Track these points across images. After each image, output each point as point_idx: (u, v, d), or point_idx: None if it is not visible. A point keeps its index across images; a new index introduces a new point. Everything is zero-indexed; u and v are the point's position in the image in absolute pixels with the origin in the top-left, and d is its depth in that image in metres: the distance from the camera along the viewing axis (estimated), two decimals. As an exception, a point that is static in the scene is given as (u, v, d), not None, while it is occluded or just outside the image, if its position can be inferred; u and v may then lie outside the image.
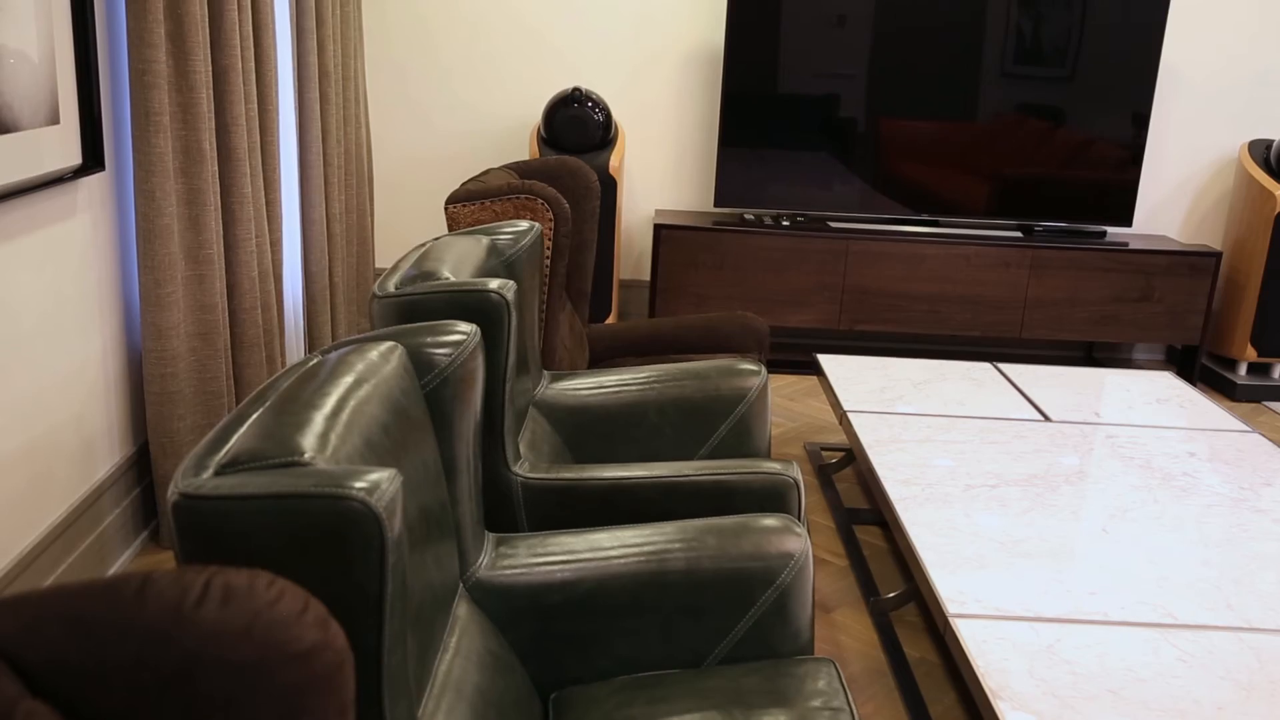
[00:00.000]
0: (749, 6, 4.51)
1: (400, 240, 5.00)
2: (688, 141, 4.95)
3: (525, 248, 2.38)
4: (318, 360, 1.54)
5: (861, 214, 4.77)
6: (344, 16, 4.07)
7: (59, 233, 2.45)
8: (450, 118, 4.87)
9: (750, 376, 2.59)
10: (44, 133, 2.30)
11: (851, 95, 4.64)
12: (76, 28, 2.42)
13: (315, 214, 3.73)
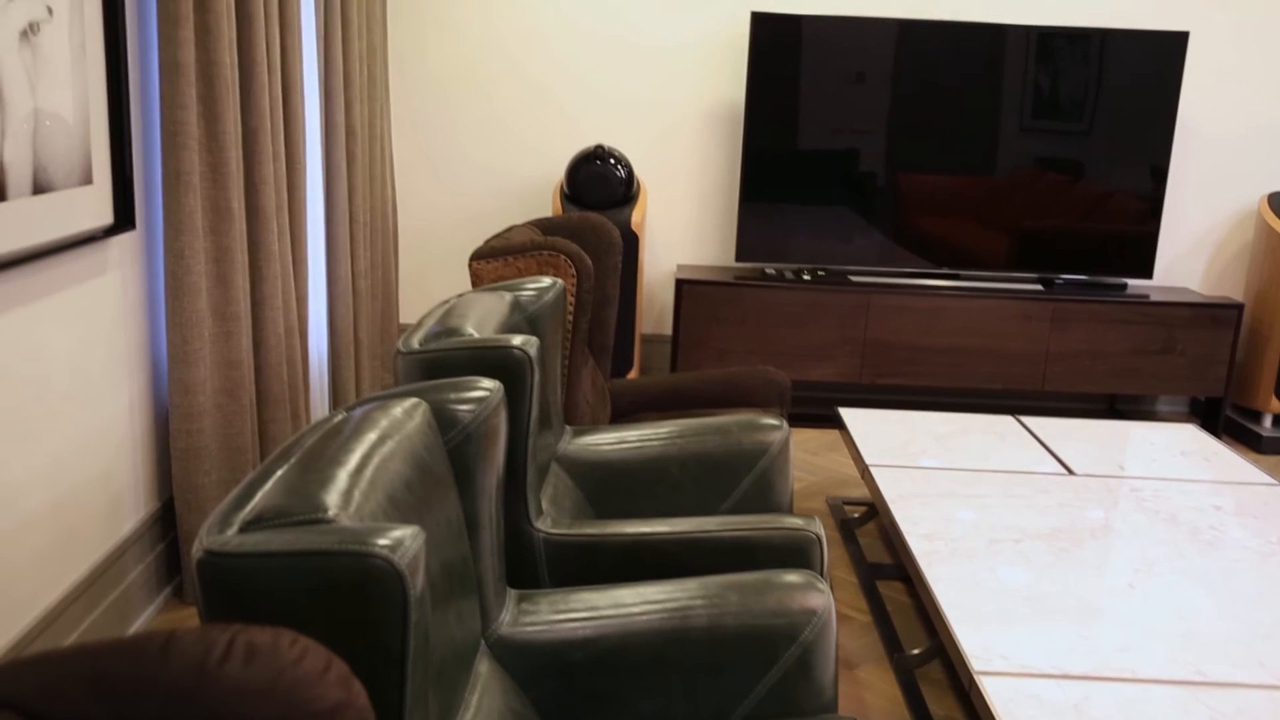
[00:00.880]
0: (769, 64, 4.57)
1: (425, 296, 5.05)
2: (709, 197, 4.99)
3: (548, 303, 2.40)
4: (342, 417, 1.56)
5: (882, 267, 4.79)
6: (370, 77, 4.14)
7: (90, 290, 2.49)
8: (474, 175, 4.94)
9: (772, 431, 2.59)
10: (77, 193, 2.35)
11: (871, 150, 4.67)
12: (111, 90, 2.47)
13: (341, 270, 3.78)
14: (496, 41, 4.80)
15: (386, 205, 4.35)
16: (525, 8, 4.78)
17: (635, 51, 4.83)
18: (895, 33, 4.56)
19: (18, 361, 2.22)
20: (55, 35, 2.22)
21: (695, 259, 5.07)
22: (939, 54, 4.58)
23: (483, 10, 4.77)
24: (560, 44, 4.82)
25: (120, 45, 2.47)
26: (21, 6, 2.09)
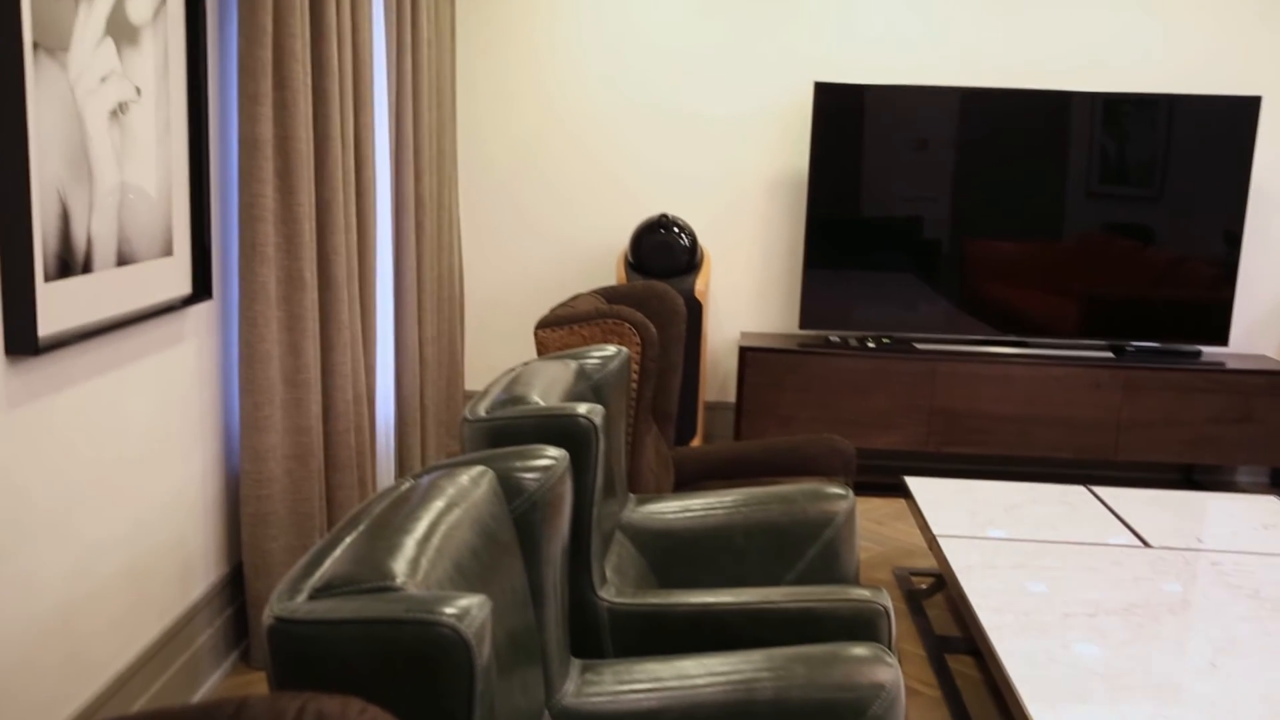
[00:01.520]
0: (832, 133, 4.59)
1: (490, 363, 5.10)
2: (773, 264, 5.00)
3: (613, 371, 2.42)
4: (410, 484, 1.58)
5: (948, 335, 4.75)
6: (439, 149, 4.24)
7: (167, 358, 2.56)
8: (539, 244, 5.00)
9: (837, 500, 2.57)
10: (158, 264, 2.42)
11: (935, 217, 4.67)
12: (192, 165, 2.56)
13: (408, 338, 3.84)
14: (563, 114, 4.90)
15: (453, 274, 4.43)
16: (592, 82, 4.87)
17: (699, 123, 4.89)
18: (958, 101, 4.57)
19: (100, 428, 2.28)
20: (142, 114, 2.31)
21: (759, 326, 5.07)
22: (1002, 121, 4.58)
23: (549, 85, 4.87)
24: (625, 116, 4.90)
25: (202, 122, 2.56)
26: (113, 87, 2.18)
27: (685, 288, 4.51)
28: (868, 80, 4.83)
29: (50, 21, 1.96)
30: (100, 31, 2.13)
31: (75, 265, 2.09)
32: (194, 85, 2.54)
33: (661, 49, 4.85)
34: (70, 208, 2.06)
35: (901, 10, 4.79)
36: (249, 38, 2.60)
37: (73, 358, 2.17)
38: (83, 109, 2.08)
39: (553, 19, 4.83)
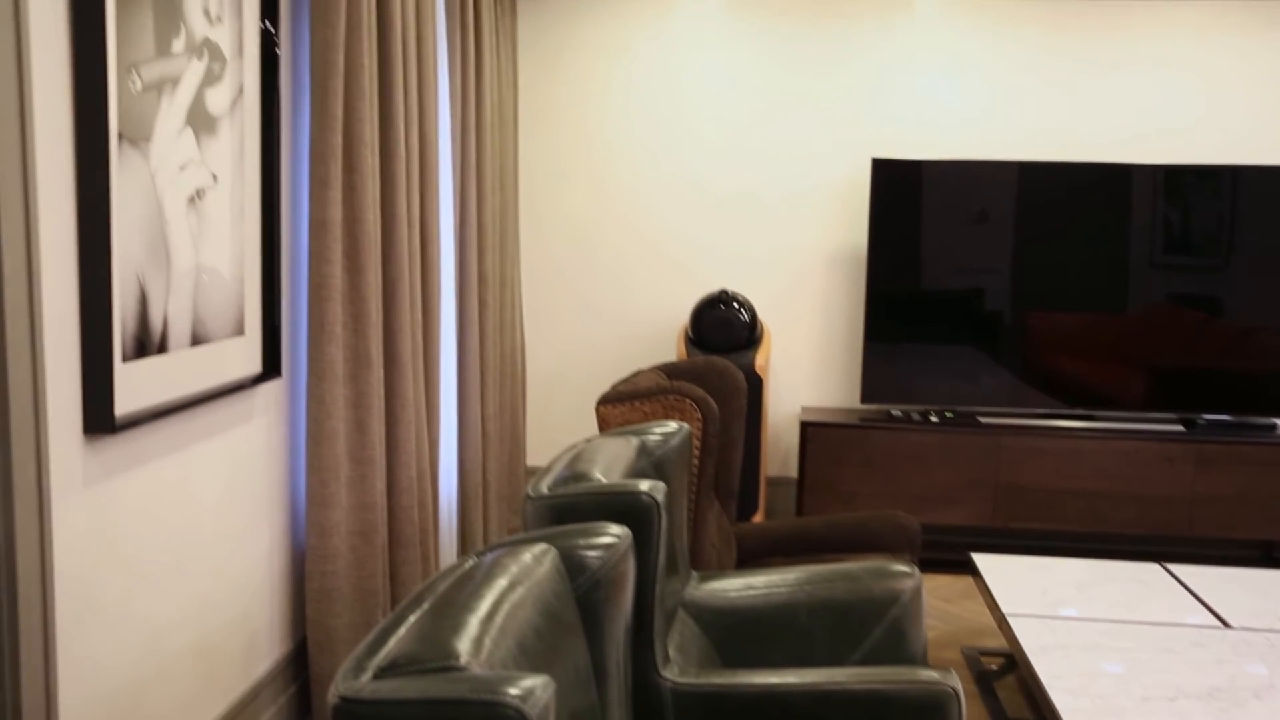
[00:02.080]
0: (890, 208, 4.61)
1: (552, 439, 5.12)
2: (833, 339, 5.00)
3: (674, 448, 2.42)
4: (473, 562, 1.59)
5: (1012, 408, 4.69)
6: (503, 227, 4.32)
7: (237, 436, 2.61)
8: (600, 320, 5.05)
9: (903, 578, 2.53)
10: (230, 343, 2.48)
11: (996, 289, 4.64)
12: (264, 247, 2.63)
13: (471, 414, 3.87)
14: (623, 193, 4.97)
15: (516, 350, 4.47)
16: (652, 162, 4.94)
17: (756, 199, 4.93)
18: (1016, 175, 4.56)
19: (171, 505, 2.32)
20: (218, 199, 2.39)
21: (820, 401, 5.05)
22: (1062, 193, 4.56)
23: (611, 164, 4.95)
24: (680, 195, 4.95)
25: (274, 205, 2.64)
26: (192, 175, 2.26)
27: (746, 363, 4.51)
28: (925, 155, 4.85)
29: (135, 114, 2.04)
30: (181, 122, 2.22)
31: (151, 346, 2.15)
32: (267, 170, 2.62)
33: (714, 127, 4.92)
34: (148, 290, 2.12)
35: (957, 85, 4.82)
36: (320, 125, 2.69)
37: (147, 436, 2.22)
38: (162, 196, 2.16)
39: (603, 101, 4.92)
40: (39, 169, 1.82)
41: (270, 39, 2.59)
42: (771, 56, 4.87)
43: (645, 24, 4.89)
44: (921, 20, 4.80)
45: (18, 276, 1.45)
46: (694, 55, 4.89)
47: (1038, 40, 4.78)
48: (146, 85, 2.09)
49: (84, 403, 1.98)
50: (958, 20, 4.79)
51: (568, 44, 4.92)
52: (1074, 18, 4.76)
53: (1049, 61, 4.78)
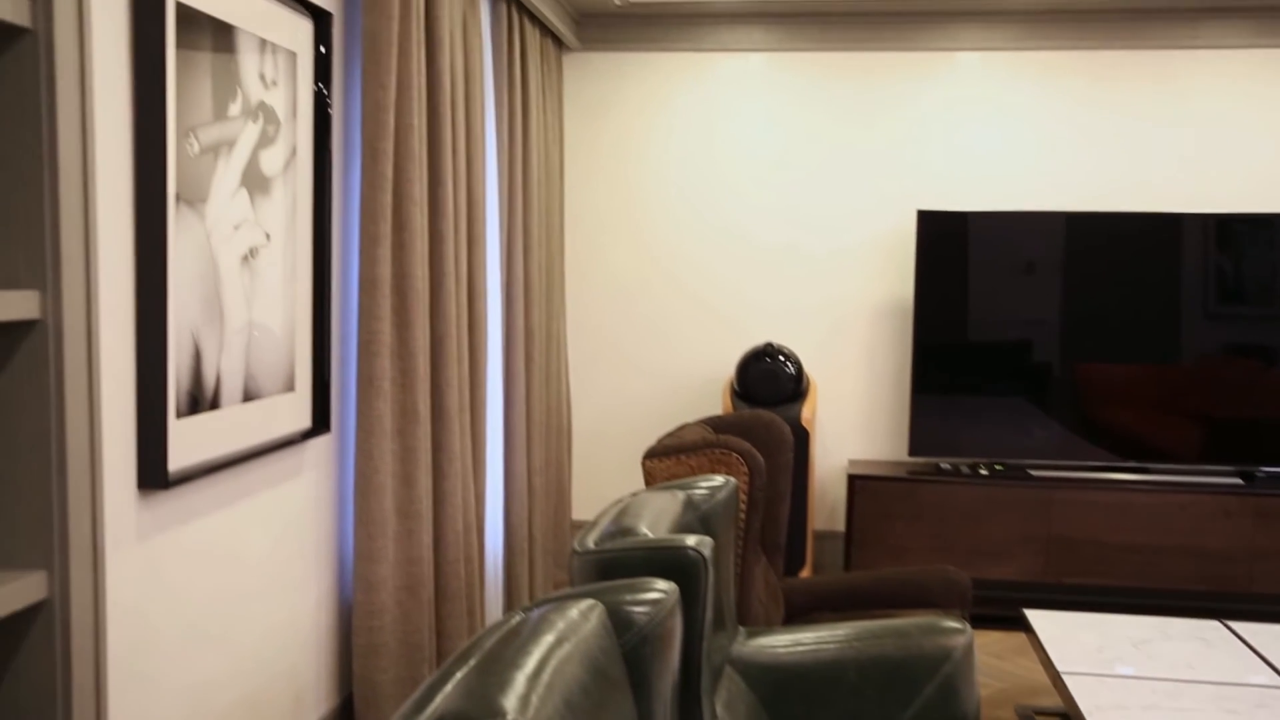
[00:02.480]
0: (936, 259, 4.59)
1: (597, 493, 5.12)
2: (880, 391, 4.97)
3: (721, 502, 2.41)
4: (520, 618, 1.58)
5: (1063, 461, 4.62)
6: (549, 283, 4.36)
7: (287, 491, 2.63)
8: (645, 373, 5.06)
9: (954, 634, 2.49)
10: (281, 399, 2.52)
11: (1045, 340, 4.60)
12: (315, 304, 2.67)
13: (517, 468, 3.89)
14: (668, 246, 5.00)
15: (561, 404, 4.49)
16: (696, 215, 4.97)
17: (800, 252, 4.94)
18: (1063, 225, 4.54)
19: (222, 560, 2.34)
20: (270, 257, 2.44)
21: (867, 454, 5.01)
22: (1111, 243, 4.53)
23: (655, 218, 4.99)
24: (728, 247, 4.97)
25: (325, 263, 2.68)
26: (246, 234, 2.31)
27: (792, 416, 4.50)
28: (970, 206, 4.84)
29: (192, 176, 2.10)
30: (236, 183, 2.27)
31: (204, 402, 2.18)
32: (319, 229, 2.67)
33: (757, 181, 4.94)
34: (202, 347, 2.16)
35: (1001, 136, 4.82)
36: (371, 184, 2.74)
37: (199, 491, 2.25)
38: (217, 255, 2.21)
39: (647, 156, 4.97)
40: (100, 229, 1.87)
41: (323, 100, 2.65)
42: (814, 109, 4.90)
43: (688, 79, 4.94)
44: (964, 72, 4.82)
45: (77, 333, 1.48)
46: (736, 109, 4.93)
47: (1082, 90, 4.77)
48: (204, 148, 2.14)
49: (139, 458, 2.02)
50: (1000, 72, 4.80)
51: (612, 100, 4.98)
52: (1118, 67, 4.75)
53: (1094, 111, 4.78)
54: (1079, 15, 4.69)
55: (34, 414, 1.47)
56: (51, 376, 1.47)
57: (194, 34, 2.10)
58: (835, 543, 5.01)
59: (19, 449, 1.48)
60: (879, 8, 4.72)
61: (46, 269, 1.44)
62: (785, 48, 4.87)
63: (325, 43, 2.64)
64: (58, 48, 1.38)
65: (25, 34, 1.38)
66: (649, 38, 4.91)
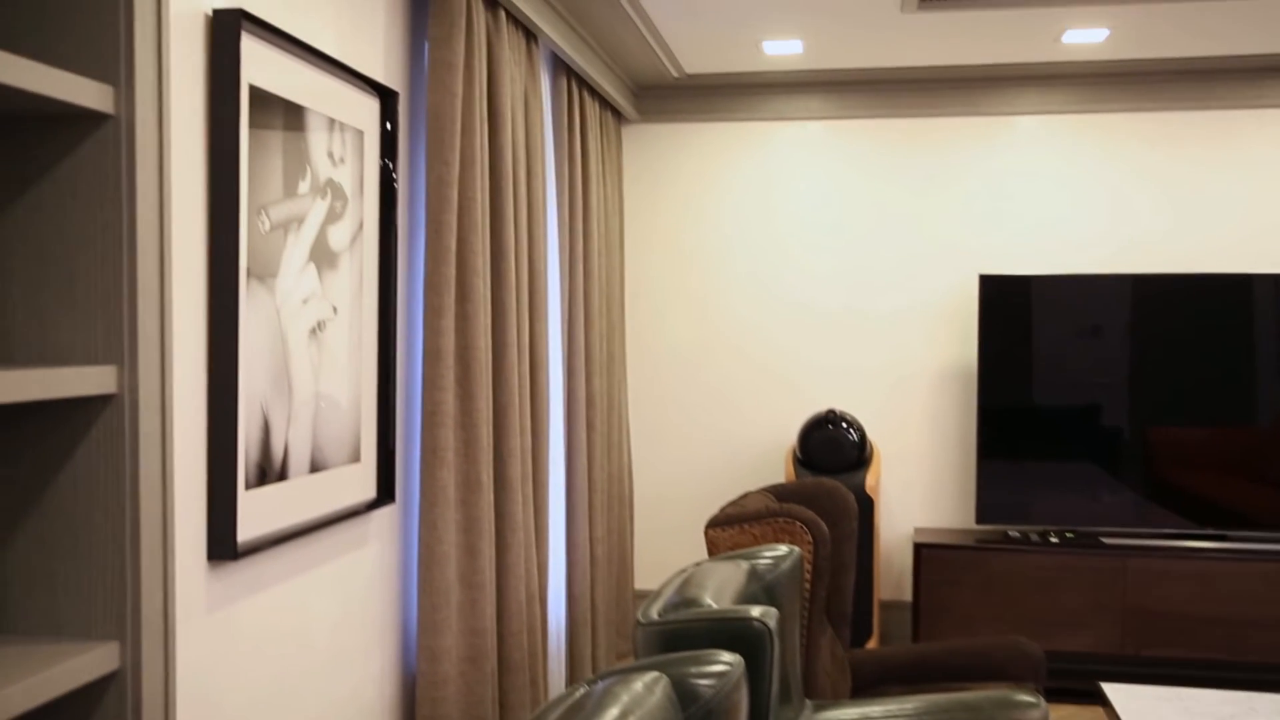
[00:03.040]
0: (1000, 323, 4.55)
1: (660, 562, 5.09)
2: (945, 457, 4.90)
3: (785, 572, 2.38)
4: (584, 691, 1.57)
5: (1137, 528, 4.51)
6: (609, 352, 4.38)
7: (351, 561, 2.65)
8: (707, 441, 5.04)
9: (1029, 708, 2.42)
10: (347, 470, 2.54)
11: (1114, 404, 4.51)
12: (380, 375, 2.71)
13: (580, 537, 3.88)
14: (728, 313, 5.01)
15: (623, 472, 4.49)
16: (755, 281, 4.98)
17: (863, 317, 4.93)
18: (1129, 288, 4.48)
19: (287, 631, 2.36)
20: (337, 330, 2.48)
21: (933, 521, 4.93)
22: (1179, 305, 4.46)
23: (715, 284, 5.01)
24: (788, 314, 4.97)
25: (390, 335, 2.73)
26: (314, 307, 2.36)
27: (856, 483, 4.45)
28: (1033, 269, 4.80)
29: (263, 252, 2.15)
30: (304, 258, 2.32)
31: (273, 473, 2.21)
32: (384, 301, 2.71)
33: (817, 247, 4.95)
34: (271, 419, 2.20)
35: (1063, 198, 4.79)
36: (435, 257, 2.79)
37: (266, 562, 2.27)
38: (286, 328, 2.25)
39: (707, 223, 5.00)
40: (174, 305, 1.92)
41: (389, 176, 2.71)
42: (872, 175, 4.91)
43: (746, 148, 4.99)
44: (1023, 136, 4.81)
45: (152, 407, 1.52)
46: (795, 176, 4.96)
47: (1144, 152, 4.73)
48: (274, 225, 2.20)
49: (209, 530, 2.05)
50: (1061, 135, 4.78)
51: (671, 170, 5.04)
52: (1181, 128, 4.71)
53: (1157, 173, 4.73)
54: (1139, 78, 4.67)
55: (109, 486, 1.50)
56: (126, 449, 1.50)
57: (266, 114, 2.16)
58: (902, 613, 4.92)
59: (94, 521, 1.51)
60: (936, 75, 4.74)
61: (124, 344, 1.48)
62: (842, 115, 4.90)
63: (391, 120, 2.71)
64: (138, 132, 1.44)
65: (108, 119, 1.43)
66: (706, 108, 4.97)
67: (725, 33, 4.11)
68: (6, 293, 1.48)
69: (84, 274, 1.47)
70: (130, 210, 1.45)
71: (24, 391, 1.32)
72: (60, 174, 1.46)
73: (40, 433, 1.49)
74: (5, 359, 1.48)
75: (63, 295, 1.47)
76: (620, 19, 3.75)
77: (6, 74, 1.26)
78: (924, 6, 3.73)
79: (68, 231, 1.46)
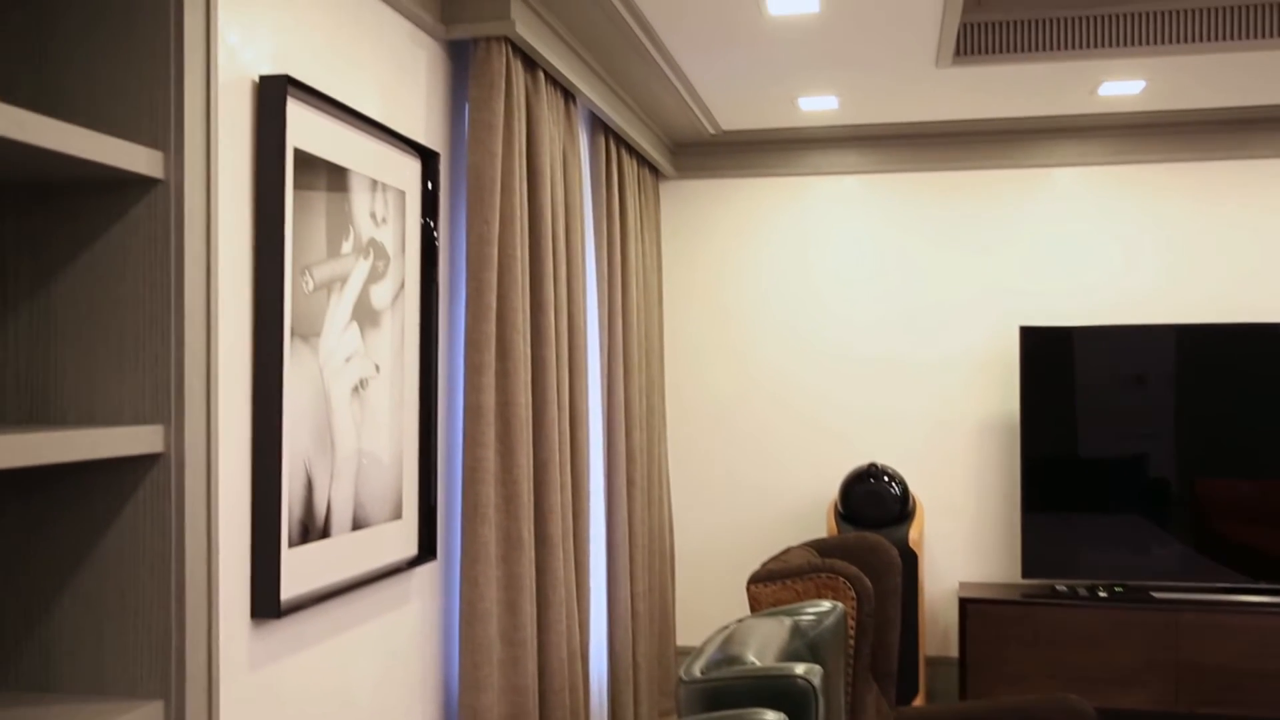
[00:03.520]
0: (1041, 374, 4.51)
1: (701, 617, 5.04)
2: (989, 510, 4.84)
3: (829, 628, 2.36)
4: (628, 750, 1.56)
5: (1188, 582, 4.42)
6: (649, 406, 4.38)
7: (393, 619, 2.65)
8: (747, 495, 5.01)
9: (1081, 769, 2.36)
10: (388, 527, 2.55)
11: (1160, 454, 4.44)
12: (421, 432, 2.73)
13: (621, 593, 3.86)
14: (766, 367, 5.00)
15: (664, 527, 4.47)
16: (794, 335, 4.98)
17: (903, 370, 4.90)
18: (1173, 338, 4.43)
19: (330, 688, 2.36)
20: (380, 387, 2.50)
21: (979, 576, 4.86)
22: (1225, 356, 4.40)
23: (753, 338, 5.01)
24: (827, 367, 4.96)
25: (431, 392, 2.75)
26: (356, 366, 2.39)
27: (899, 537, 4.40)
28: (1074, 320, 4.76)
29: (307, 312, 2.18)
30: (347, 317, 2.35)
31: (315, 531, 2.22)
32: (425, 359, 2.74)
33: (854, 300, 4.94)
34: (314, 477, 2.22)
35: (1104, 249, 4.76)
36: (476, 314, 2.81)
37: (309, 620, 2.28)
38: (329, 387, 2.28)
39: (744, 277, 5.01)
40: (220, 365, 1.94)
41: (430, 234, 2.75)
42: (910, 227, 4.91)
43: (783, 202, 5.01)
44: (1061, 187, 4.79)
45: (198, 466, 1.53)
46: (832, 229, 4.97)
47: (1184, 202, 4.70)
48: (318, 285, 2.23)
49: (253, 588, 2.06)
50: (1099, 186, 4.76)
51: (709, 224, 5.06)
52: (1221, 177, 4.68)
53: (1197, 222, 4.69)
54: (1176, 128, 4.65)
55: (155, 545, 1.52)
56: (172, 508, 1.52)
57: (311, 176, 2.20)
58: (949, 669, 4.83)
59: (140, 579, 1.53)
60: (972, 128, 4.75)
61: (170, 404, 1.50)
62: (879, 169, 4.91)
63: (432, 179, 2.75)
64: (187, 195, 1.47)
65: (158, 184, 1.46)
66: (743, 164, 5.00)
67: (761, 90, 4.15)
68: (58, 354, 1.51)
69: (132, 335, 1.49)
70: (178, 272, 1.48)
71: (74, 451, 1.34)
72: (111, 237, 1.49)
73: (88, 492, 1.51)
74: (56, 419, 1.51)
75: (111, 356, 1.50)
76: (657, 78, 3.80)
77: (63, 142, 1.30)
78: (959, 61, 3.75)
79: (117, 293, 1.49)
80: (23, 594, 1.53)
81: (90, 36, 1.47)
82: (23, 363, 1.52)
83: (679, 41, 3.51)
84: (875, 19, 3.31)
